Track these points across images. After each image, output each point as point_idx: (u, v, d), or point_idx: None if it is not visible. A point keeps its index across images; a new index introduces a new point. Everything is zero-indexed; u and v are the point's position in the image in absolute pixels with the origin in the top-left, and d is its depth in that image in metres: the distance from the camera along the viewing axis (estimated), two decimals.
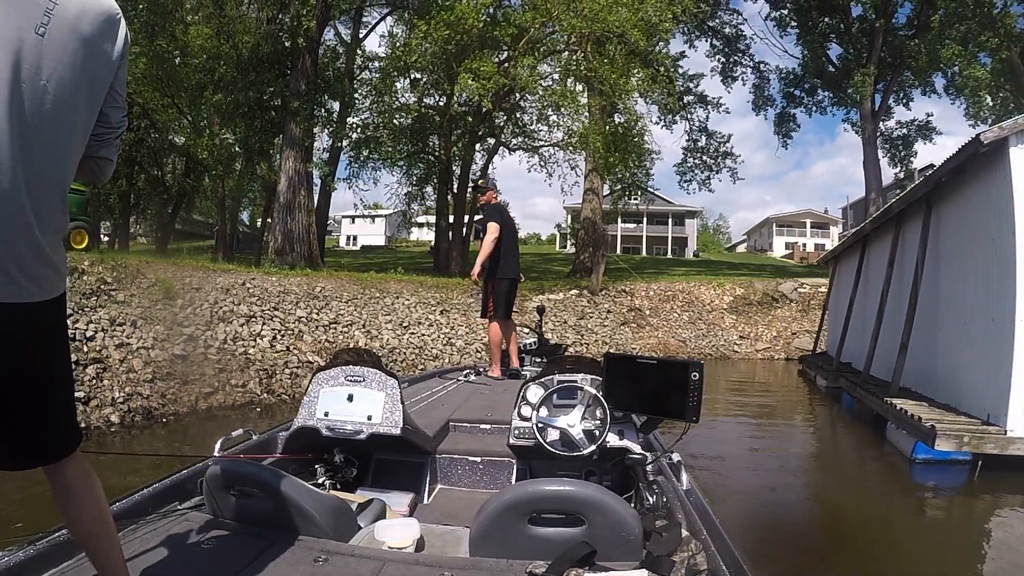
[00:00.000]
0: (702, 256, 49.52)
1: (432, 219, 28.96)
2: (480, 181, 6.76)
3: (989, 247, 7.05)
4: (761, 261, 43.42)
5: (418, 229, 41.71)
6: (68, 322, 6.47)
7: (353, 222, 55.98)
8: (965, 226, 7.82)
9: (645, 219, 51.18)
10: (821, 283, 20.00)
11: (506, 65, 18.95)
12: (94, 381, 7.18)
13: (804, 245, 55.90)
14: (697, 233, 59.01)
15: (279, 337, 10.01)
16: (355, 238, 54.34)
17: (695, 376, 2.54)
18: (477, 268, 5.88)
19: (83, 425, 6.67)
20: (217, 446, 2.73)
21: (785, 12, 30.95)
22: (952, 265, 8.09)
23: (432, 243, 33.39)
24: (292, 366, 9.50)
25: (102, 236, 30.20)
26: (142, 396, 7.41)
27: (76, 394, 6.86)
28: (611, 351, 3.12)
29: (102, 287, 8.55)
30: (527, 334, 7.39)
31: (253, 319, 9.94)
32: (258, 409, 8.40)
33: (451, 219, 25.07)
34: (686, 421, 2.59)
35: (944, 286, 8.23)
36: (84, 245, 10.90)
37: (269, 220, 27.97)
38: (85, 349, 7.47)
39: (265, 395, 8.82)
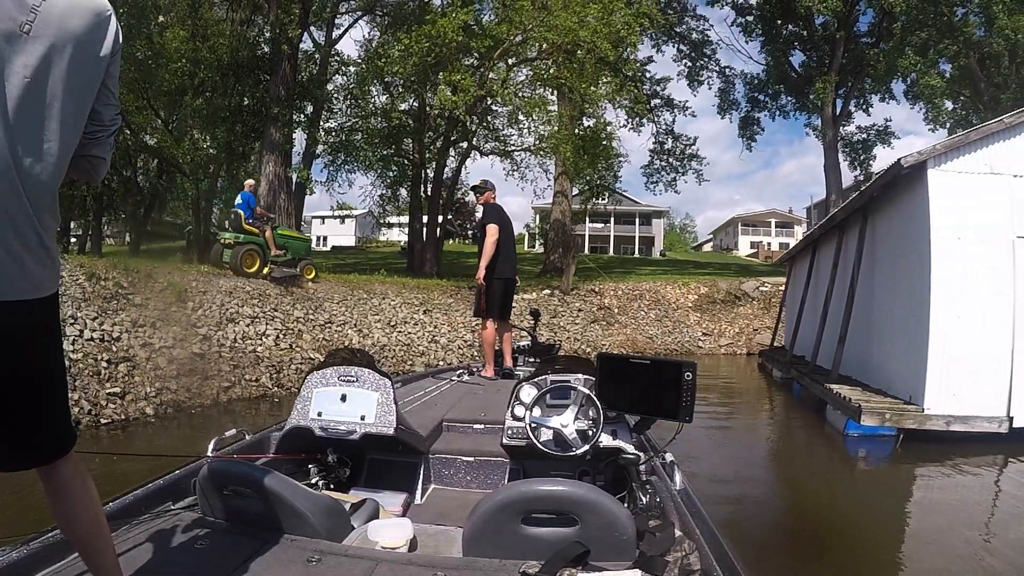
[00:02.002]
0: (669, 255, 51.00)
1: (403, 219, 29.79)
2: (479, 183, 6.61)
3: (911, 254, 8.40)
4: (726, 260, 45.09)
5: (387, 229, 42.42)
6: (95, 323, 7.40)
7: (323, 222, 56.56)
8: (893, 235, 9.18)
9: (612, 219, 52.41)
10: (782, 282, 21.28)
11: (480, 71, 20.02)
12: (126, 378, 8.09)
13: (769, 244, 57.69)
14: (664, 232, 60.60)
15: (282, 336, 11.00)
16: (325, 239, 54.88)
17: (688, 376, 2.60)
18: (481, 272, 5.98)
19: (123, 417, 7.60)
20: (210, 446, 2.76)
21: (751, 19, 32.45)
22: (883, 268, 9.46)
23: (402, 243, 34.29)
24: (296, 362, 10.51)
25: (70, 238, 30.35)
26: (170, 391, 8.37)
27: (114, 389, 7.79)
28: (604, 351, 3.16)
29: (119, 291, 9.40)
30: (521, 336, 7.75)
31: (257, 320, 10.90)
32: (276, 399, 9.45)
33: (425, 219, 25.98)
34: (679, 421, 2.65)
35: (877, 287, 9.59)
36: (313, 276, 14.05)
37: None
38: (114, 348, 8.36)
39: (276, 388, 9.83)
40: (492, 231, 5.98)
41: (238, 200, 13.34)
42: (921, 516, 5.67)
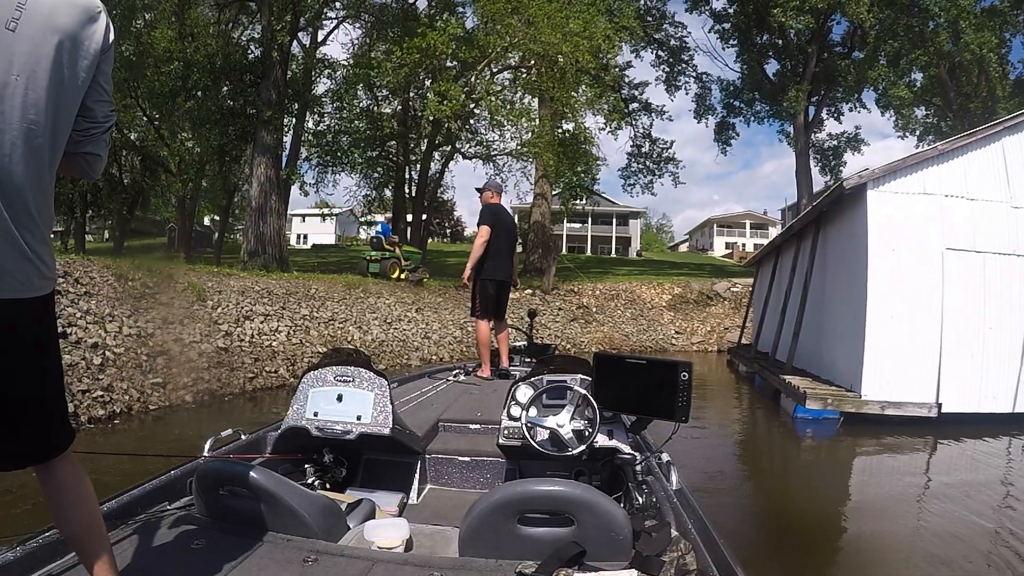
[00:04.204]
0: (645, 255, 52.64)
1: (386, 216, 30.93)
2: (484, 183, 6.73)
3: (853, 262, 9.86)
4: (701, 260, 46.76)
5: (369, 228, 43.43)
6: (131, 320, 8.64)
7: (303, 220, 57.36)
8: (840, 245, 10.66)
9: (590, 219, 53.83)
10: (751, 283, 22.93)
11: (466, 78, 21.25)
12: (165, 369, 9.22)
13: (744, 245, 59.51)
14: (641, 232, 62.27)
15: (292, 332, 12.20)
16: (305, 236, 55.79)
17: (684, 376, 2.64)
18: (467, 272, 6.26)
19: (167, 404, 8.77)
20: (207, 446, 2.81)
21: (728, 26, 33.86)
22: (832, 273, 10.94)
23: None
24: (308, 356, 11.70)
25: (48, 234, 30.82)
26: (204, 380, 9.56)
27: (156, 380, 8.92)
28: (601, 351, 3.39)
29: (147, 291, 10.49)
30: (517, 336, 8.20)
31: (269, 317, 12.07)
32: (295, 389, 10.61)
33: (409, 218, 27.19)
34: (675, 421, 2.68)
35: (827, 289, 11.07)
36: (426, 277, 19.72)
37: (234, 222, 29.51)
38: (150, 343, 9.47)
39: (292, 379, 11.00)
40: (482, 232, 6.19)
41: (378, 228, 19.93)
42: (854, 483, 7.04)
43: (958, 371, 9.25)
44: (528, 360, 6.79)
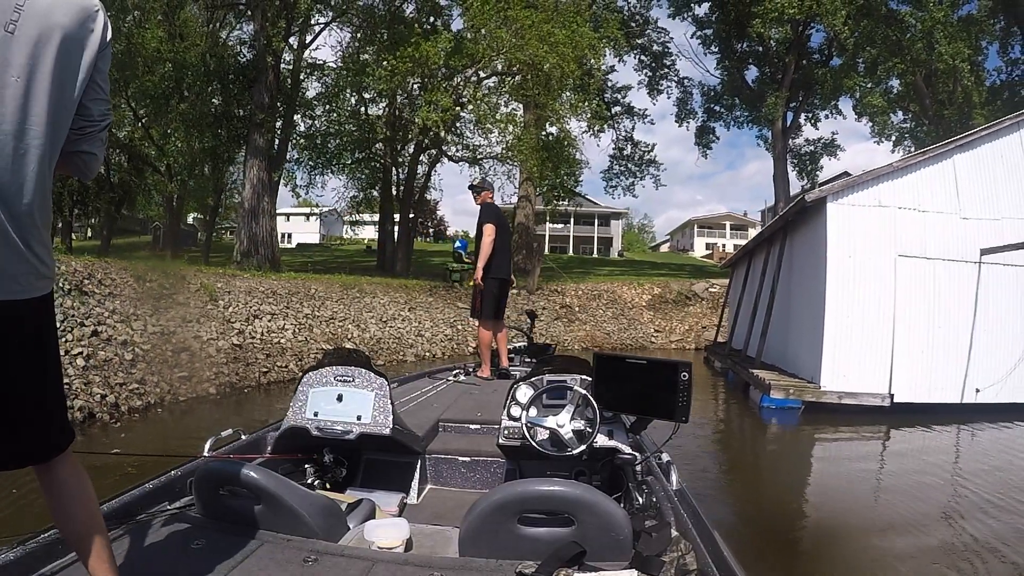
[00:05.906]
0: (626, 255, 53.87)
1: (374, 216, 31.82)
2: (476, 181, 6.78)
3: (814, 266, 11.07)
4: (682, 261, 48.17)
5: (353, 227, 44.12)
6: (152, 320, 9.65)
7: (288, 219, 57.87)
8: (804, 250, 11.88)
9: (572, 220, 54.85)
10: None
11: (455, 84, 22.25)
12: (188, 364, 10.17)
13: (724, 246, 60.78)
14: (622, 232, 63.41)
15: (298, 330, 13.20)
16: (290, 236, 56.29)
17: (684, 376, 2.67)
18: (479, 272, 6.27)
19: (194, 395, 9.73)
20: (207, 446, 2.85)
21: (709, 33, 34.84)
22: (797, 276, 12.17)
23: (368, 241, 36.33)
24: (313, 352, 12.71)
25: None
26: (224, 375, 10.54)
27: (182, 374, 9.87)
28: (600, 351, 3.35)
29: (164, 291, 11.41)
30: (517, 337, 8.44)
31: (276, 316, 13.05)
32: None
33: (396, 217, 28.11)
34: (675, 421, 2.71)
35: (793, 291, 12.30)
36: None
37: (218, 220, 30.18)
38: (173, 340, 10.41)
39: (301, 374, 11.95)
40: (489, 231, 6.22)
41: (456, 244, 21.49)
42: (814, 460, 8.17)
43: (909, 365, 10.44)
44: (528, 360, 6.98)
